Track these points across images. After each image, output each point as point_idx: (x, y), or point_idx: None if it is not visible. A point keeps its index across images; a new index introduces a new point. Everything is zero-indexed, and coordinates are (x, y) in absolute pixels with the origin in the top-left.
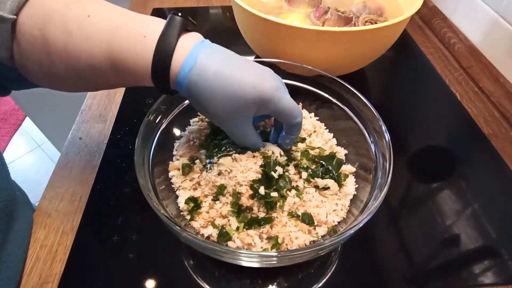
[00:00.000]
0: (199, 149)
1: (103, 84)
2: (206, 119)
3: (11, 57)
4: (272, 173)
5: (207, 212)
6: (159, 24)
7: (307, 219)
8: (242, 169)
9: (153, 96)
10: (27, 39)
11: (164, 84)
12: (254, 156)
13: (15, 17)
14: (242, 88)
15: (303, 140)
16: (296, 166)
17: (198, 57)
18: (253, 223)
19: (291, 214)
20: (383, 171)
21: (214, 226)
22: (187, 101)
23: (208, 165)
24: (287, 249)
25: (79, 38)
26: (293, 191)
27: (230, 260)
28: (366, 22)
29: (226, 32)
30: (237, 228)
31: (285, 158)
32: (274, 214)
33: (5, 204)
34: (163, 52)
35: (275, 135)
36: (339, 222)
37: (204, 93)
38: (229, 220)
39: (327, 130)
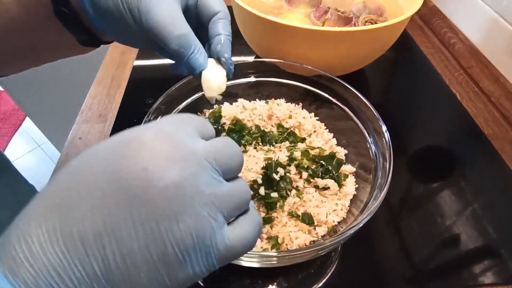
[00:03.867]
0: None
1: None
2: (206, 119)
3: None
4: (274, 175)
5: None
6: None
7: (307, 219)
8: (242, 169)
9: (153, 96)
10: None
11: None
12: (254, 156)
13: None
14: None
15: (303, 140)
16: (297, 167)
17: None
18: None
19: (291, 214)
20: (383, 171)
21: None
22: (187, 101)
23: None
24: (287, 249)
25: None
26: (293, 191)
27: None
28: (366, 22)
29: None
30: None
31: (287, 158)
32: (274, 214)
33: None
34: None
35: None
36: (339, 222)
37: None
38: None
39: (327, 130)
